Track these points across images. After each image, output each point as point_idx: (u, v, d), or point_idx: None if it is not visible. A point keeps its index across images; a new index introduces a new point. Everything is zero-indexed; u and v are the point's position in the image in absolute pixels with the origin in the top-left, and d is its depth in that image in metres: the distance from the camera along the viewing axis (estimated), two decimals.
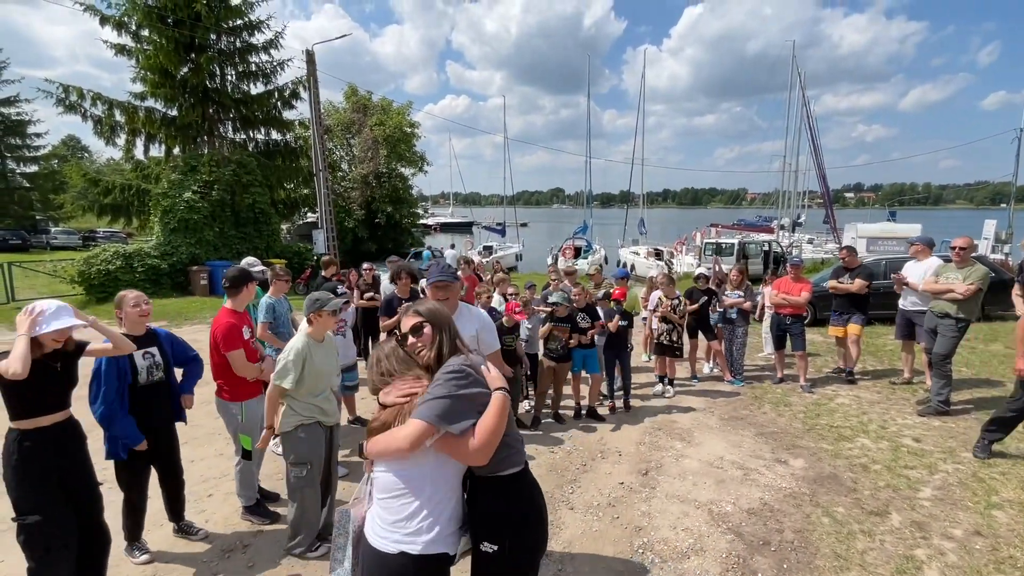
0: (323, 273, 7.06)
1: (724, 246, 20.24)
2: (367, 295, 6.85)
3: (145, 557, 3.04)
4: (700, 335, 6.67)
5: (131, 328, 3.01)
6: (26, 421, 2.50)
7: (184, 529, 3.42)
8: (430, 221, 47.75)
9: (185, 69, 15.78)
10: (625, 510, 3.72)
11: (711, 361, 7.04)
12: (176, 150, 16.75)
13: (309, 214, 22.14)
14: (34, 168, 32.71)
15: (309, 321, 3.13)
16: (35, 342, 2.47)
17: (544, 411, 5.47)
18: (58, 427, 2.60)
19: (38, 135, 32.17)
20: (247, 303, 3.58)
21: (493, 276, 8.25)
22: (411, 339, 1.80)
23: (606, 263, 23.16)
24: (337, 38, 18.50)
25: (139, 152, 16.68)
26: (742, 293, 6.49)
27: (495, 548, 1.69)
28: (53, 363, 2.56)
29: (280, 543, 3.26)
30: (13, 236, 26.35)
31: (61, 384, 2.62)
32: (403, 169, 23.73)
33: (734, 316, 6.52)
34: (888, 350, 7.76)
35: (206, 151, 16.70)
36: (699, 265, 19.94)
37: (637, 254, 23.08)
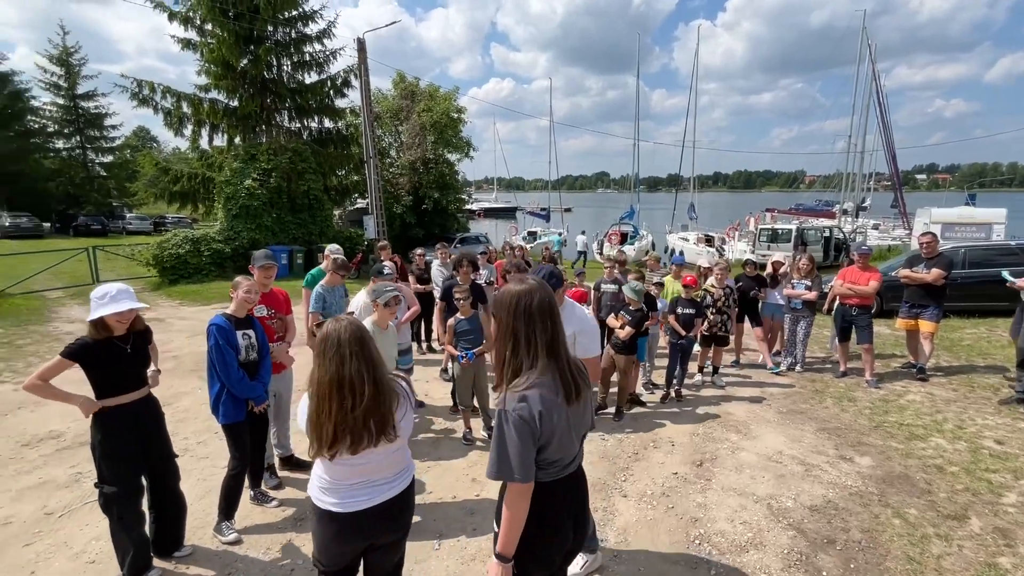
0: (381, 256, 7.26)
1: (780, 232, 19.30)
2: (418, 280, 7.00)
3: (233, 536, 3.22)
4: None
5: (236, 310, 3.21)
6: (108, 400, 2.69)
7: (259, 496, 3.65)
8: (474, 207, 47.97)
9: (245, 61, 16.39)
10: (680, 500, 3.68)
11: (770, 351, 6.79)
12: (237, 139, 17.51)
13: (359, 200, 22.73)
14: (110, 158, 35.07)
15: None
16: (103, 324, 2.62)
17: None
18: (137, 404, 2.80)
19: (114, 127, 34.47)
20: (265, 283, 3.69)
21: (542, 260, 8.25)
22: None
23: (653, 249, 22.62)
24: (387, 25, 18.67)
25: (203, 142, 17.57)
26: (810, 283, 6.20)
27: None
28: (123, 344, 2.73)
29: None
30: (94, 222, 28.47)
31: (133, 364, 2.78)
32: (449, 155, 23.89)
33: (799, 306, 6.25)
34: (965, 345, 7.24)
35: (264, 140, 17.38)
36: (752, 252, 19.19)
37: (686, 240, 22.38)
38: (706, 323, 5.83)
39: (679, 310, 5.57)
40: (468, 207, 33.06)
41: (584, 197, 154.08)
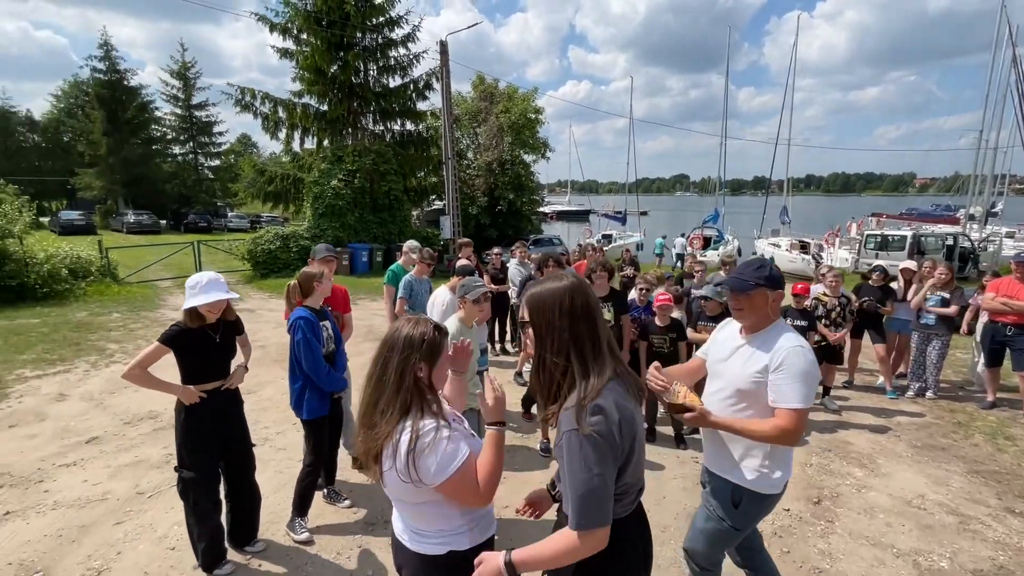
0: (459, 255, 7.14)
1: (892, 239, 17.22)
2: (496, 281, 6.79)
3: (305, 535, 3.11)
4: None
5: (313, 301, 3.13)
6: (192, 386, 2.68)
7: (332, 495, 3.55)
8: (547, 209, 47.79)
9: (335, 67, 17.21)
10: (797, 544, 3.12)
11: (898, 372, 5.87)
12: (325, 142, 18.42)
13: (436, 201, 23.20)
14: (217, 162, 38.57)
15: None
16: (196, 313, 2.63)
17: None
18: (220, 394, 2.77)
19: (220, 134, 37.87)
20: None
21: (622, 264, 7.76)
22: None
23: (739, 255, 21.14)
24: (469, 27, 18.94)
25: (295, 145, 18.67)
26: (948, 295, 5.27)
27: None
28: (213, 333, 2.72)
29: None
30: (201, 219, 31.35)
31: (220, 353, 2.77)
32: (525, 156, 23.80)
33: (931, 322, 5.33)
34: None
35: (350, 142, 18.14)
36: (857, 260, 17.31)
37: (777, 246, 20.65)
38: (816, 336, 5.11)
39: (788, 321, 4.90)
40: (541, 210, 32.86)
41: (661, 200, 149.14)
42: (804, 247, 19.78)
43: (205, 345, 2.68)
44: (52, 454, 4.24)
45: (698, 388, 2.08)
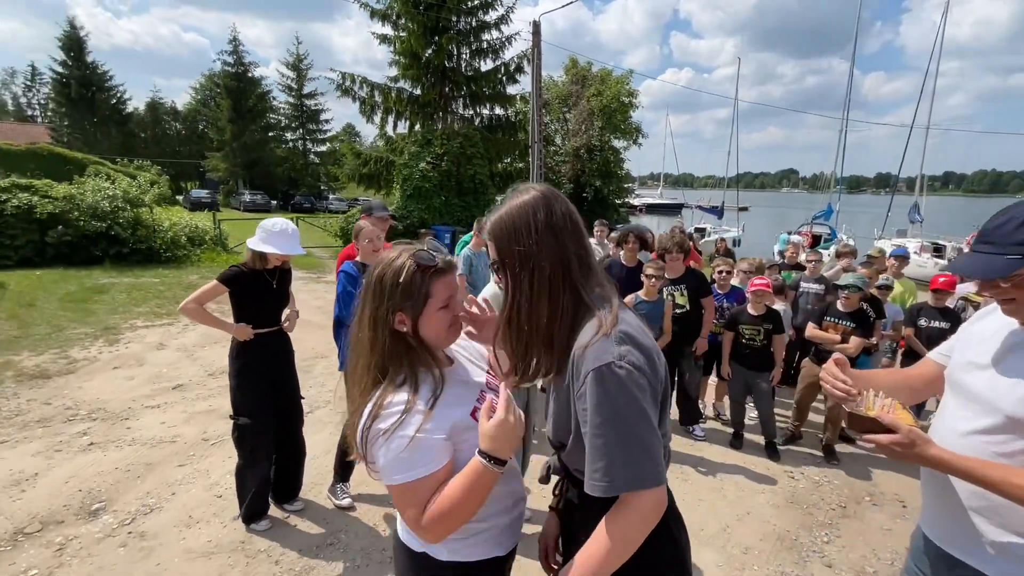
0: None
1: None
2: None
3: (347, 501, 3.00)
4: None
5: (364, 257, 2.99)
6: (257, 330, 2.66)
7: None
8: (635, 202, 46.01)
9: (429, 51, 17.52)
10: None
11: None
12: (417, 126, 18.89)
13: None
14: (323, 148, 41.38)
15: None
16: (261, 256, 2.63)
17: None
18: (274, 341, 2.75)
19: (326, 121, 40.51)
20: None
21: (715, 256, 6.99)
22: None
23: (855, 257, 18.78)
24: (564, 6, 18.36)
25: (389, 128, 19.34)
26: None
27: None
28: (270, 278, 2.70)
29: None
30: (306, 201, 33.88)
31: (275, 299, 2.76)
32: (616, 141, 22.89)
33: None
34: None
35: (440, 126, 18.45)
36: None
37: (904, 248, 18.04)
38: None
39: (923, 322, 4.03)
40: (629, 201, 31.60)
41: (764, 196, 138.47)
42: (938, 251, 17.11)
43: (261, 289, 2.68)
44: (142, 395, 4.54)
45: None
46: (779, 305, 4.36)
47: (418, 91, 18.11)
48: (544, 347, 1.02)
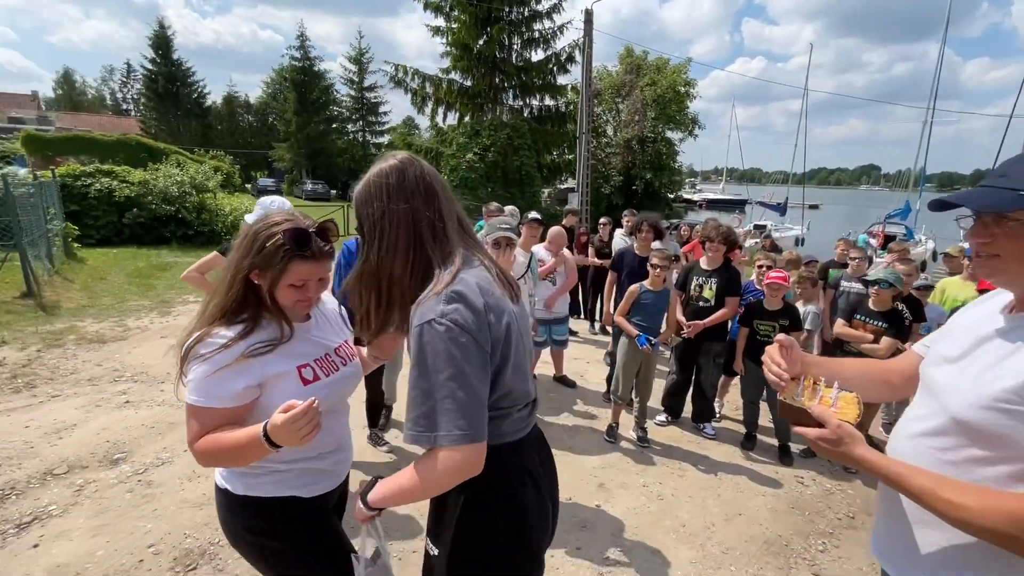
0: (563, 222, 6.75)
1: None
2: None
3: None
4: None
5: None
6: None
7: (374, 438, 3.52)
8: (695, 196, 44.29)
9: (480, 42, 17.65)
10: None
11: None
12: (467, 118, 19.11)
13: (569, 180, 22.84)
14: (381, 139, 42.74)
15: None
16: None
17: None
18: None
19: (385, 114, 41.79)
20: None
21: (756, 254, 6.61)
22: None
23: (934, 260, 17.27)
24: None
25: (439, 119, 19.70)
26: None
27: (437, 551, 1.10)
28: None
29: None
30: None
31: None
32: (671, 133, 22.12)
33: None
34: None
35: (489, 117, 18.57)
36: None
37: None
38: None
39: None
40: (688, 196, 30.49)
41: (840, 194, 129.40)
42: None
43: None
44: None
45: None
46: (811, 305, 4.09)
47: (469, 82, 18.31)
48: (396, 305, 1.06)
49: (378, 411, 3.53)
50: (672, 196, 23.40)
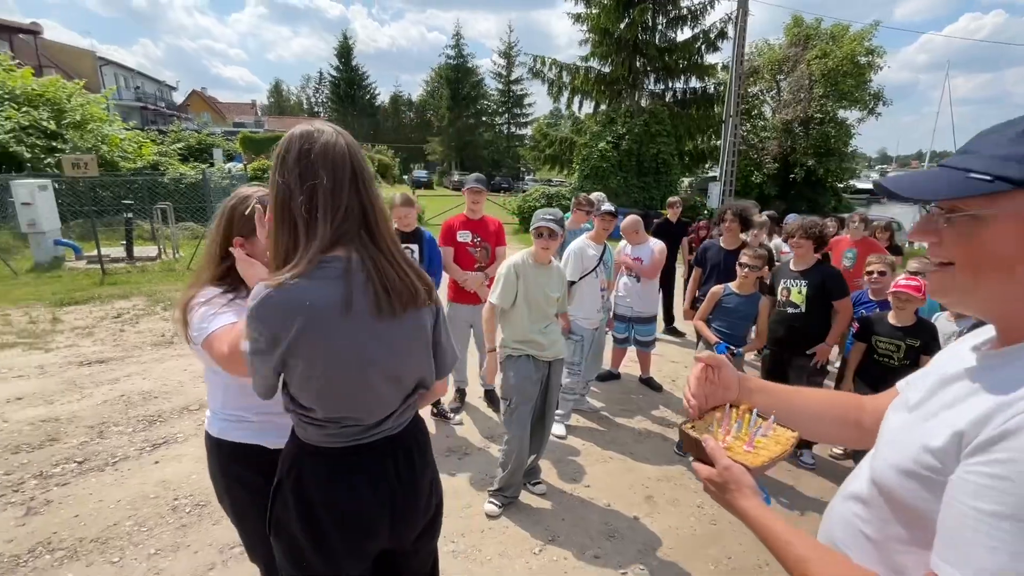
0: (666, 214, 6.27)
1: None
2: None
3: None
4: None
5: (399, 224, 3.27)
6: None
7: (442, 413, 3.69)
8: (869, 185, 37.51)
9: (622, 26, 17.00)
10: None
11: None
12: (603, 106, 18.63)
13: (714, 168, 21.03)
14: (525, 131, 43.86)
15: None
16: None
17: None
18: None
19: (529, 105, 42.75)
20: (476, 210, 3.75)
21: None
22: None
23: None
24: None
25: (576, 109, 19.51)
26: None
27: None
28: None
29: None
30: (504, 181, 36.64)
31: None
32: (844, 112, 18.94)
33: None
34: None
35: (626, 104, 17.88)
36: None
37: None
38: None
39: None
40: (862, 185, 26.04)
41: None
42: None
43: None
44: None
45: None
46: (953, 323, 3.25)
47: (607, 68, 17.81)
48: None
49: None
50: (842, 185, 20.12)
